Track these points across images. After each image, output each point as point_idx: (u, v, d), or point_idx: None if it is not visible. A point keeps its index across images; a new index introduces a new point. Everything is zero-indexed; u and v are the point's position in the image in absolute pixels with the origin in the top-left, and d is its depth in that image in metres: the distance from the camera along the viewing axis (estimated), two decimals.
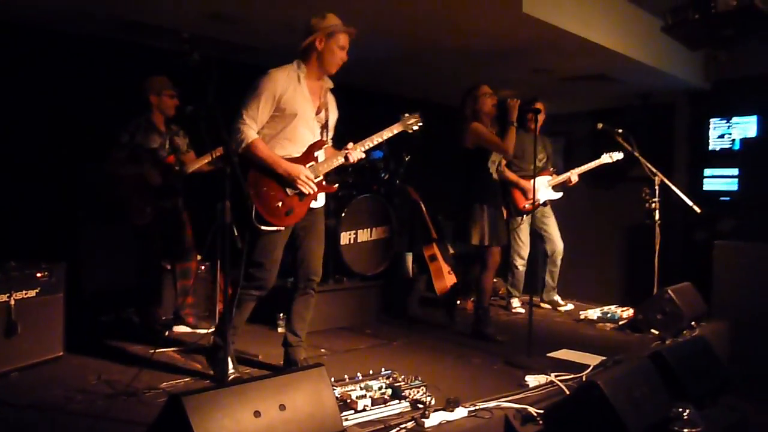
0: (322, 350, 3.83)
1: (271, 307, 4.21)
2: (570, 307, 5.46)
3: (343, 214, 4.54)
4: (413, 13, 4.35)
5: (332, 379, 2.81)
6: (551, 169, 5.27)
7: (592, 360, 3.56)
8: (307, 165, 3.09)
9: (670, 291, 4.31)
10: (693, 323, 4.41)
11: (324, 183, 3.18)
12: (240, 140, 2.95)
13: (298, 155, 3.08)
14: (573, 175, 5.24)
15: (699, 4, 2.74)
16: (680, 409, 2.71)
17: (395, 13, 4.36)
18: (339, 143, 4.14)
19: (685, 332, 4.30)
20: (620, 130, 4.93)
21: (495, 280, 5.55)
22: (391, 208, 4.92)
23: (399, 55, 5.44)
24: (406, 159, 5.12)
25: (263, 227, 2.99)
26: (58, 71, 4.60)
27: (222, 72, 3.09)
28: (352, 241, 4.64)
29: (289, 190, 3.05)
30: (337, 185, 3.34)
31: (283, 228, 3.05)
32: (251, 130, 2.97)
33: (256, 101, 2.96)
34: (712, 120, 6.70)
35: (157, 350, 3.56)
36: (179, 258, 4.15)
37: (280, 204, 3.01)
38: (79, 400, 2.79)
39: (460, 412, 2.64)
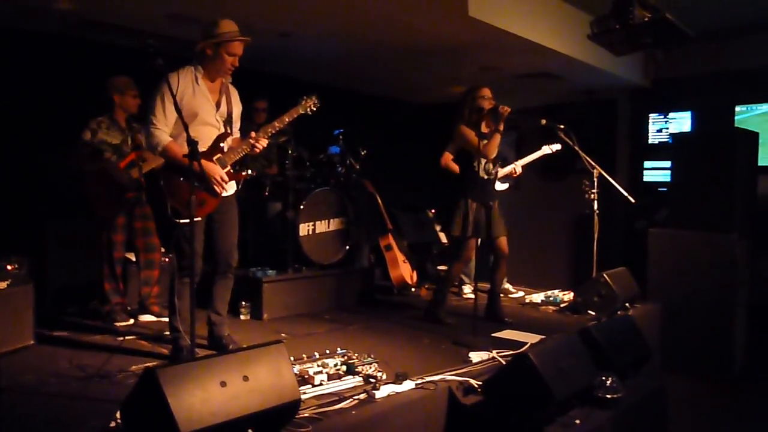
0: (283, 334, 4.05)
1: (234, 295, 4.42)
2: (521, 294, 5.79)
3: (301, 207, 4.77)
4: (365, 14, 4.55)
5: (292, 359, 3.09)
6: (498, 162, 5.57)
7: (532, 338, 3.89)
8: (215, 157, 3.30)
9: (605, 275, 4.67)
10: (627, 305, 4.78)
11: (232, 171, 3.39)
12: (155, 144, 3.15)
13: (205, 149, 3.25)
14: (517, 166, 5.56)
15: (619, 15, 3.05)
16: (604, 378, 3.07)
17: (347, 14, 4.57)
18: (302, 135, 4.37)
19: (619, 313, 4.67)
20: (562, 126, 5.26)
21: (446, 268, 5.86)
22: (348, 200, 5.17)
23: (353, 53, 5.67)
24: (363, 153, 5.36)
25: (179, 220, 3.18)
26: (20, 68, 4.70)
27: None
28: (310, 232, 4.88)
29: (198, 184, 3.18)
30: (246, 172, 3.57)
31: (198, 219, 3.23)
32: (164, 133, 3.17)
33: (160, 105, 3.17)
34: (651, 115, 7.13)
35: (125, 338, 3.77)
36: (143, 250, 4.33)
37: (193, 198, 3.20)
38: (53, 383, 2.96)
39: (408, 385, 2.91)
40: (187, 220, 3.12)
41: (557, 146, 5.55)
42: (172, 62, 3.65)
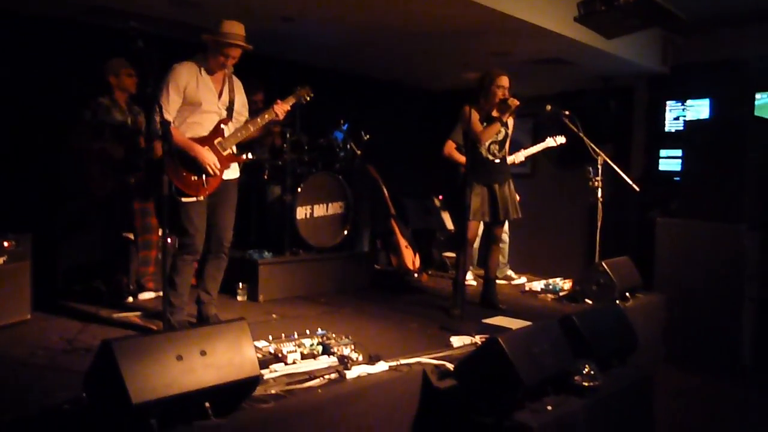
0: (273, 315, 4.11)
1: (231, 277, 4.50)
2: (523, 280, 5.76)
3: (299, 190, 4.81)
4: None
5: (270, 338, 3.14)
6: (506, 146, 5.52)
7: (520, 325, 3.85)
8: (216, 141, 3.50)
9: (604, 264, 4.60)
10: (627, 294, 4.71)
11: (233, 154, 3.60)
12: (156, 130, 3.28)
13: (206, 134, 3.50)
14: (518, 156, 5.50)
15: None
16: (581, 366, 3.04)
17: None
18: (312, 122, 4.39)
19: (618, 302, 4.60)
20: (567, 112, 5.17)
21: (451, 255, 5.87)
22: (348, 185, 5.19)
23: (357, 38, 5.66)
24: (366, 138, 5.37)
25: (183, 199, 3.39)
26: (22, 52, 4.83)
27: (188, 52, 3.48)
28: (308, 216, 4.92)
29: (193, 169, 3.43)
30: (246, 155, 3.76)
31: (201, 198, 3.45)
32: (170, 117, 3.34)
33: (165, 94, 3.39)
34: (668, 102, 6.97)
35: (120, 315, 3.89)
36: (141, 230, 4.43)
37: (194, 178, 3.42)
38: (41, 356, 3.07)
39: (381, 367, 2.93)
40: (192, 199, 3.38)
41: (562, 139, 5.48)
42: (172, 45, 3.75)
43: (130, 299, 4.35)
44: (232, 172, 3.65)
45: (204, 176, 3.44)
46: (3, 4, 4.68)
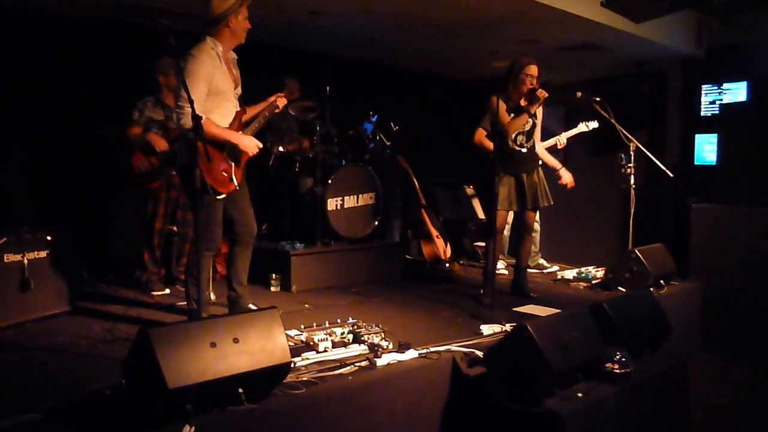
0: (306, 305, 4.18)
1: (265, 268, 4.59)
2: (555, 269, 5.72)
3: (329, 182, 4.86)
4: None
5: (302, 326, 3.20)
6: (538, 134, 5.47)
7: (551, 313, 3.85)
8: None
9: (637, 251, 4.55)
10: (662, 282, 4.64)
11: None
12: (184, 123, 3.14)
13: (227, 126, 3.39)
14: (560, 138, 5.45)
15: None
16: (612, 353, 3.02)
17: None
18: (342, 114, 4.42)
19: (652, 290, 4.54)
20: (597, 99, 5.11)
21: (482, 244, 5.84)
22: (378, 176, 5.22)
23: (384, 29, 5.67)
24: (395, 129, 5.39)
25: (217, 197, 3.32)
26: (85, 56, 5.08)
27: None
28: (338, 207, 4.97)
29: (230, 160, 3.37)
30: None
31: (228, 193, 3.38)
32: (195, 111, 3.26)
33: (198, 85, 3.16)
34: (703, 86, 6.81)
35: (159, 304, 4.01)
36: (181, 222, 4.54)
37: (224, 173, 3.34)
38: (82, 345, 3.20)
39: (411, 354, 2.97)
40: (222, 196, 3.34)
41: (594, 124, 5.40)
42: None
43: (167, 290, 4.46)
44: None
45: (233, 170, 3.37)
46: (45, 5, 4.84)
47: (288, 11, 4.83)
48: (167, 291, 4.46)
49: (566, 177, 4.81)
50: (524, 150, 4.45)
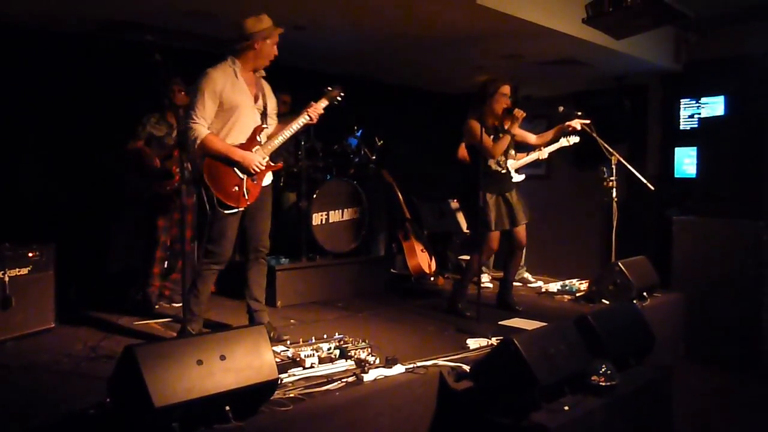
0: (292, 321, 4.16)
1: (271, 285, 4.55)
2: (540, 284, 5.75)
3: (314, 196, 4.87)
4: (375, 4, 4.57)
5: (288, 342, 3.19)
6: (512, 152, 5.51)
7: (536, 326, 3.86)
8: (254, 149, 3.45)
9: (620, 264, 4.60)
10: (644, 294, 4.69)
11: (270, 163, 3.53)
12: (193, 138, 3.28)
13: (245, 141, 3.44)
14: (543, 153, 5.52)
15: None
16: (598, 365, 3.04)
17: (357, 5, 4.61)
18: (326, 129, 4.47)
19: (635, 302, 4.59)
20: (579, 113, 5.17)
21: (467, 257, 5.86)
22: (363, 190, 5.23)
23: (368, 44, 5.69)
24: (379, 144, 5.41)
25: (226, 211, 3.34)
26: (75, 72, 5.02)
27: (206, 62, 3.46)
28: (324, 222, 4.97)
29: (242, 175, 3.39)
30: (281, 163, 3.65)
31: (242, 208, 3.41)
32: (202, 127, 3.31)
33: (201, 101, 3.30)
34: (682, 100, 6.92)
35: (141, 322, 3.96)
36: (178, 240, 4.50)
37: (236, 188, 3.37)
38: (65, 363, 3.15)
39: (398, 369, 2.97)
40: (233, 210, 3.35)
41: (575, 139, 5.48)
42: (190, 56, 3.79)
43: (171, 305, 4.43)
44: (266, 180, 3.60)
45: (245, 185, 3.39)
46: (41, 23, 4.82)
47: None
48: (171, 305, 4.43)
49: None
50: (504, 170, 4.51)
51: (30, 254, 3.66)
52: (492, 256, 5.33)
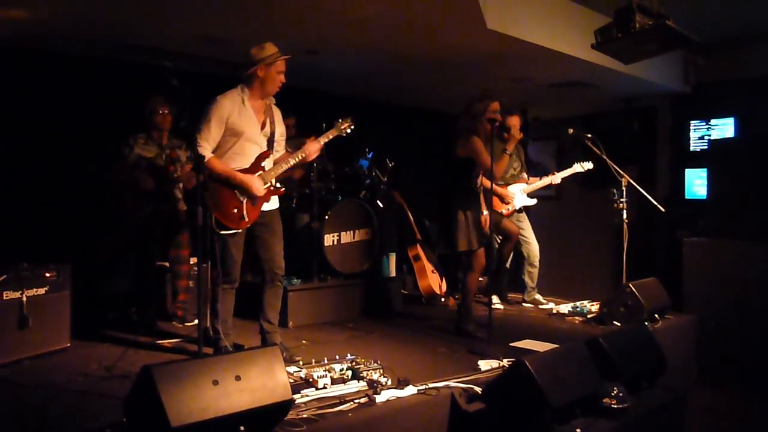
0: (303, 341, 4.18)
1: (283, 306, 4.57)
2: (551, 305, 5.74)
3: (326, 218, 4.92)
4: (387, 29, 4.68)
5: (301, 363, 3.21)
6: (524, 176, 5.57)
7: (548, 348, 3.87)
8: (257, 174, 3.54)
9: (631, 285, 4.60)
10: (656, 316, 4.68)
11: (273, 188, 3.61)
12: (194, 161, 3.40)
13: (248, 166, 3.53)
14: (556, 178, 5.55)
15: (621, 24, 3.06)
16: (609, 388, 3.05)
17: (369, 30, 4.71)
18: (338, 151, 4.50)
19: (647, 324, 4.58)
20: (589, 135, 5.22)
21: (480, 279, 5.87)
22: (373, 211, 5.28)
23: (380, 68, 5.80)
24: (390, 165, 5.47)
25: (222, 231, 3.44)
26: (72, 91, 5.09)
27: (221, 86, 3.56)
28: (335, 243, 5.01)
29: (242, 197, 3.48)
30: (283, 189, 3.71)
31: (240, 230, 3.49)
32: (206, 150, 3.42)
33: (207, 126, 3.43)
34: (692, 122, 6.96)
35: (163, 341, 4.00)
36: (174, 260, 4.56)
37: (235, 210, 3.46)
38: (80, 382, 3.19)
39: (410, 390, 2.98)
40: (231, 231, 3.44)
41: (589, 165, 5.52)
42: (202, 79, 3.86)
43: (180, 324, 4.47)
44: (272, 204, 3.69)
45: (245, 207, 3.48)
46: (44, 45, 4.93)
47: (286, 51, 4.93)
48: (181, 324, 4.49)
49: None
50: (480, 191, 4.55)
51: (47, 274, 3.71)
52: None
